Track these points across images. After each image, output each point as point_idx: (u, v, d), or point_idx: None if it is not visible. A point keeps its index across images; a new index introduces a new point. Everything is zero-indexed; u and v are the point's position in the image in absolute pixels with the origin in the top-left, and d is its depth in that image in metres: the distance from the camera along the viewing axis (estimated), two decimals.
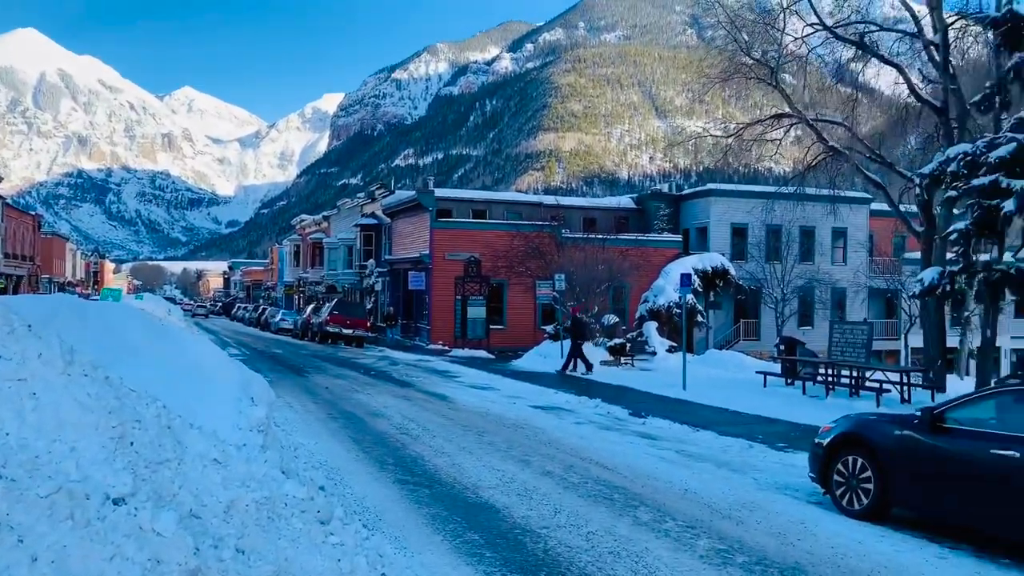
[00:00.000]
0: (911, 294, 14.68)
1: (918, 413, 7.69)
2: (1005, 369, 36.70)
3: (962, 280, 13.04)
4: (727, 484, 9.20)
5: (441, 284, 37.52)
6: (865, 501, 7.96)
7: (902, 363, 37.08)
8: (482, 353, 32.52)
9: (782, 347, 21.32)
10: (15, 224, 72.61)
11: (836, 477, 8.29)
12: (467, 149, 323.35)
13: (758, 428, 13.93)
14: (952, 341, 30.93)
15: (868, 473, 7.95)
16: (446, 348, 35.08)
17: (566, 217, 40.41)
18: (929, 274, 13.69)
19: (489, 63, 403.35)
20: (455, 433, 11.83)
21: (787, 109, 21.00)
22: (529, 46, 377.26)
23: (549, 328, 28.92)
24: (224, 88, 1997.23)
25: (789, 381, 19.81)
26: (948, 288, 13.10)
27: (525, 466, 9.57)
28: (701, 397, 17.99)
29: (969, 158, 12.62)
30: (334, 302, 40.48)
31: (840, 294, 41.09)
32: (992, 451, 6.81)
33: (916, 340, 37.21)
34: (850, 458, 8.17)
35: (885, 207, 39.52)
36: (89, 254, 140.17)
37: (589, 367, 23.49)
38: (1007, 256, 13.12)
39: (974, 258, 13.03)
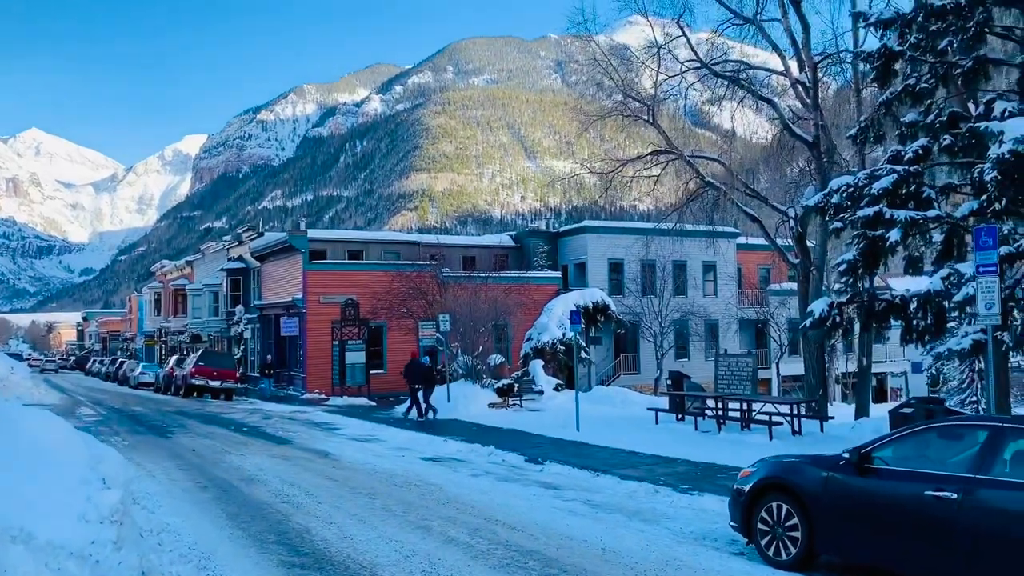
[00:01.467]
0: (802, 326, 14.76)
1: (845, 454, 7.31)
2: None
3: (851, 310, 13.17)
4: (644, 538, 8.56)
5: (316, 329, 35.95)
6: (793, 550, 7.48)
7: (774, 391, 38.24)
8: (363, 400, 31.16)
9: (669, 382, 21.22)
10: None
11: (760, 525, 7.80)
12: (338, 190, 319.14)
13: (659, 469, 13.48)
14: None
15: (795, 520, 7.48)
16: (323, 397, 33.42)
17: (446, 256, 39.68)
18: (819, 306, 13.79)
19: (358, 104, 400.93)
20: (343, 497, 10.70)
21: (664, 146, 21.21)
22: (398, 88, 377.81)
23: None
24: (76, 130, 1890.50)
25: (679, 417, 19.65)
26: (838, 319, 13.22)
27: (426, 533, 8.61)
28: (596, 438, 17.49)
29: (851, 190, 12.83)
30: (199, 352, 38.00)
31: (713, 326, 42.16)
32: (927, 492, 6.45)
33: (786, 368, 38.54)
34: (774, 504, 7.70)
35: (751, 241, 41.10)
36: None
37: (422, 413, 22.80)
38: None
39: (860, 288, 13.21)
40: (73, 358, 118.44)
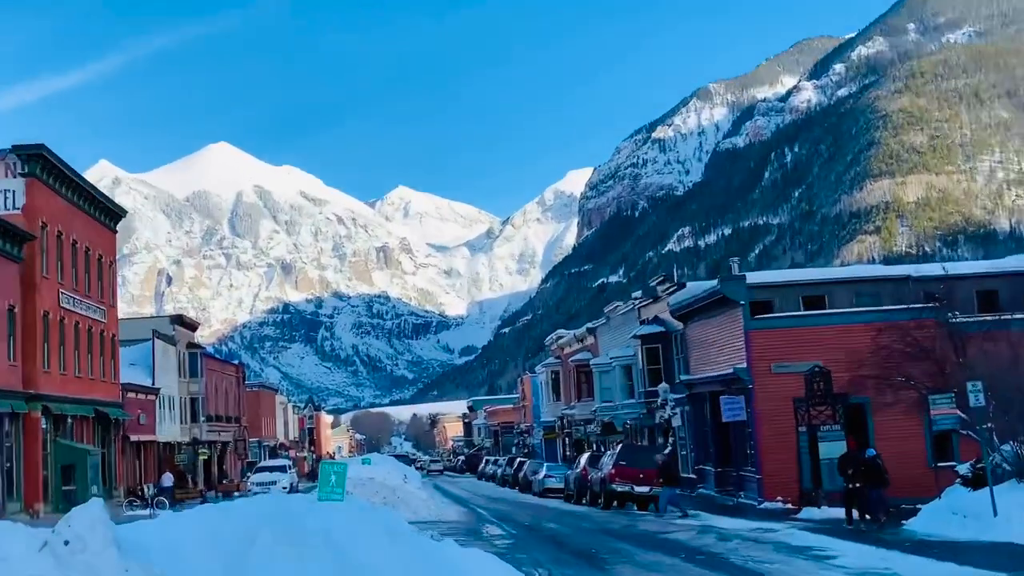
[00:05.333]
0: None
1: None
2: None
3: None
4: None
5: (770, 410, 35.12)
6: None
7: None
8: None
9: None
10: (216, 379, 79.75)
11: None
12: (764, 217, 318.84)
13: None
14: None
15: None
16: (791, 507, 32.28)
17: (948, 293, 36.47)
18: None
19: (783, 98, 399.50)
20: None
21: None
22: (839, 67, 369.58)
23: (963, 468, 25.27)
24: (444, 183, 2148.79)
25: None
26: None
27: None
28: None
29: None
30: (618, 448, 39.29)
31: None
32: None
33: None
34: None
35: None
36: (302, 406, 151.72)
37: (864, 517, 25.60)
38: None
39: None
40: (461, 457, 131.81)
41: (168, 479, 50.84)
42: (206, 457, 71.17)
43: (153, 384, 60.30)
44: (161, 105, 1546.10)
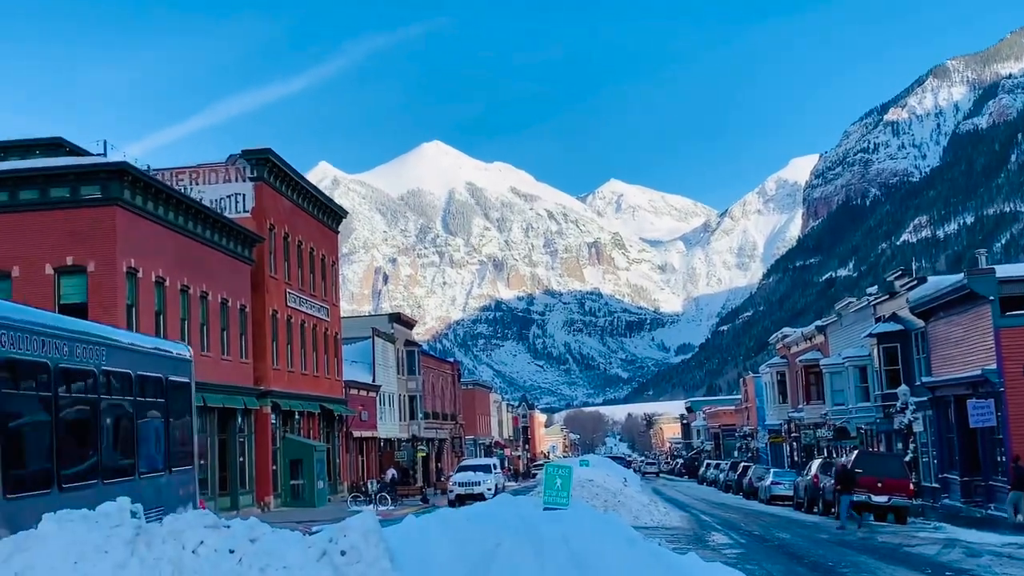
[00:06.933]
0: None
1: None
2: None
3: None
4: None
5: (1022, 416, 33.26)
6: None
7: None
8: None
9: None
10: (433, 376, 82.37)
11: None
12: (1011, 203, 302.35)
13: None
14: None
15: None
16: None
17: None
18: None
19: None
20: None
21: None
22: None
23: None
24: (657, 175, 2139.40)
25: None
26: None
27: None
28: None
29: None
30: (853, 455, 37.92)
31: None
32: None
33: None
34: None
35: None
36: (516, 405, 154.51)
37: None
38: None
39: None
40: (680, 460, 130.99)
41: (394, 474, 52.97)
42: (424, 454, 73.56)
43: (373, 381, 62.76)
44: (378, 106, 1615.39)
